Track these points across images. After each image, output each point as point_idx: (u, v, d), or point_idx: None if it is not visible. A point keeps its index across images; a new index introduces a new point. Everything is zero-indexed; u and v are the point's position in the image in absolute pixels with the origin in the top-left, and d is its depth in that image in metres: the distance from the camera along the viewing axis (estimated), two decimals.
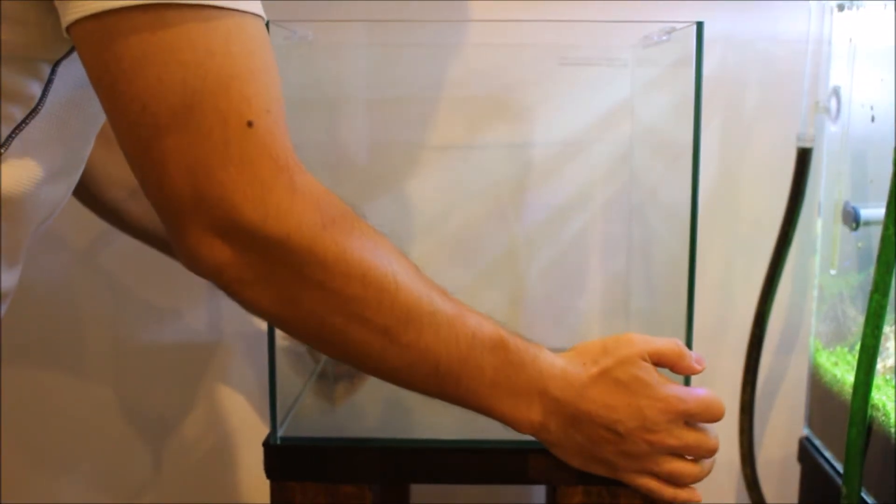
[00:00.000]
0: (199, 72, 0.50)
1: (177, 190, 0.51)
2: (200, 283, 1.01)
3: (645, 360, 0.66)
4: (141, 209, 0.88)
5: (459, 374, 0.61)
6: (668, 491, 0.67)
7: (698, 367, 0.68)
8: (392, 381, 0.62)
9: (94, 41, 0.51)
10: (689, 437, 0.66)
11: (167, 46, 0.50)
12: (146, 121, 0.51)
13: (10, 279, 0.64)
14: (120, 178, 0.86)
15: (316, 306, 0.56)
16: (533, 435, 0.65)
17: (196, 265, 0.54)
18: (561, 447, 0.66)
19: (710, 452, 0.67)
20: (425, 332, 0.59)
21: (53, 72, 0.58)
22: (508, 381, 0.63)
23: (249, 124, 0.51)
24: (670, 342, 0.68)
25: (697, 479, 0.67)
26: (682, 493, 0.67)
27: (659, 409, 0.64)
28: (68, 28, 0.52)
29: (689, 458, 0.67)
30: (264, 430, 0.74)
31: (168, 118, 0.50)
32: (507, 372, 0.62)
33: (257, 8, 0.54)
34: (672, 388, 0.66)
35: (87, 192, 0.86)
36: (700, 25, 0.68)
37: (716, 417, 0.67)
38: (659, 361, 0.67)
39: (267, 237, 0.53)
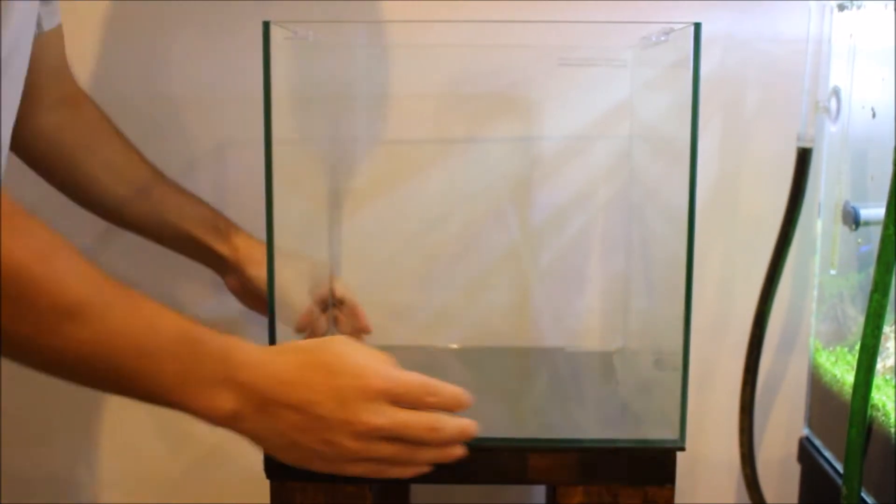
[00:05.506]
0: None
1: None
2: (203, 280, 1.01)
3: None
4: (146, 206, 0.89)
5: (137, 368, 0.59)
6: (393, 470, 0.64)
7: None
8: (69, 378, 0.59)
9: None
10: (399, 415, 0.62)
11: None
12: None
13: None
14: (124, 175, 0.87)
15: None
16: (229, 428, 0.62)
17: None
18: (263, 439, 0.64)
19: (433, 430, 0.63)
20: (90, 325, 0.56)
21: None
22: (195, 373, 0.60)
23: None
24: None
25: (423, 462, 0.64)
26: (408, 471, 0.65)
27: (358, 387, 0.62)
28: None
29: (415, 441, 0.63)
30: None
31: None
32: (191, 363, 0.60)
33: None
34: (376, 367, 0.63)
35: (86, 194, 0.86)
36: (698, 27, 0.68)
37: (425, 403, 0.64)
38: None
39: None
